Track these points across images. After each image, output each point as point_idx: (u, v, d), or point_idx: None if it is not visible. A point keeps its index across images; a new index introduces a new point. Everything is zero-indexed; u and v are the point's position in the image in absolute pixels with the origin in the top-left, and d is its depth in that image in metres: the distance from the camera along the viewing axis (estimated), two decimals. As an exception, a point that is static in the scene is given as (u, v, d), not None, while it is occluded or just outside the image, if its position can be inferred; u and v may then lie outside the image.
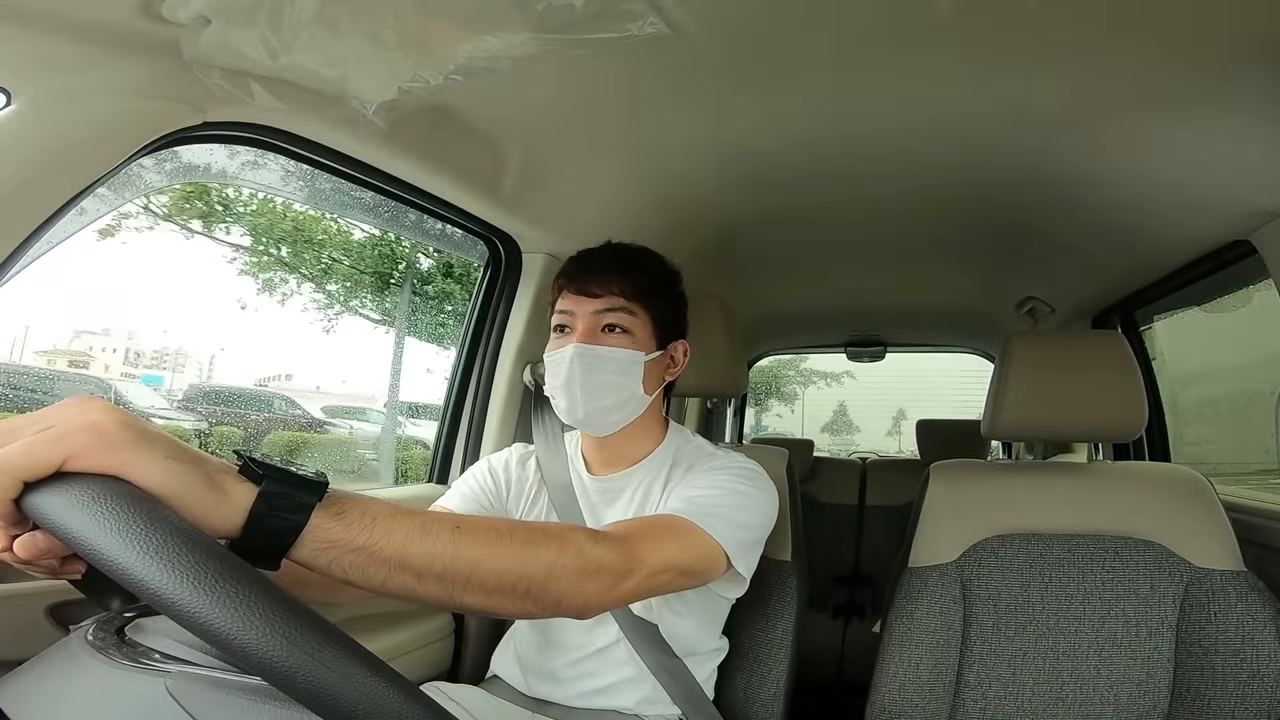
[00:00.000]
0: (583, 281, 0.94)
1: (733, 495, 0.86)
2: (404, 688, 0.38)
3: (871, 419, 5.95)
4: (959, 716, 1.01)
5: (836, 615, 2.32)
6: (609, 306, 0.92)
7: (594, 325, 0.93)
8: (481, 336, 1.42)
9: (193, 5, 0.65)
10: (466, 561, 0.54)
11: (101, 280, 1.79)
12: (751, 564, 0.87)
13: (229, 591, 0.36)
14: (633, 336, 0.93)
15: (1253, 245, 1.18)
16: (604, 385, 0.92)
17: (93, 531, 0.38)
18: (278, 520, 0.46)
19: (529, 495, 1.04)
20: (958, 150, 1.13)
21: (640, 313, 0.94)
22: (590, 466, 1.03)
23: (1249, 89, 0.85)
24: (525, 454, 1.09)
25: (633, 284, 0.93)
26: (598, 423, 0.95)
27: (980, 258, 1.72)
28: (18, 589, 0.72)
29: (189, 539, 0.38)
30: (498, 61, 0.75)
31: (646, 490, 0.97)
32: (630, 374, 0.93)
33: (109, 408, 0.43)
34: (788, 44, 0.86)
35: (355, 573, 0.49)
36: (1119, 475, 1.14)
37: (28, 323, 1.89)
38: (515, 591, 0.57)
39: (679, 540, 0.77)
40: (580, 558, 0.62)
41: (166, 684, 0.41)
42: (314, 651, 0.36)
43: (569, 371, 0.91)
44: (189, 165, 0.95)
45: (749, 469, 0.93)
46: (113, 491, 0.40)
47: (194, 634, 0.36)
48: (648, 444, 1.00)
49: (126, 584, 0.37)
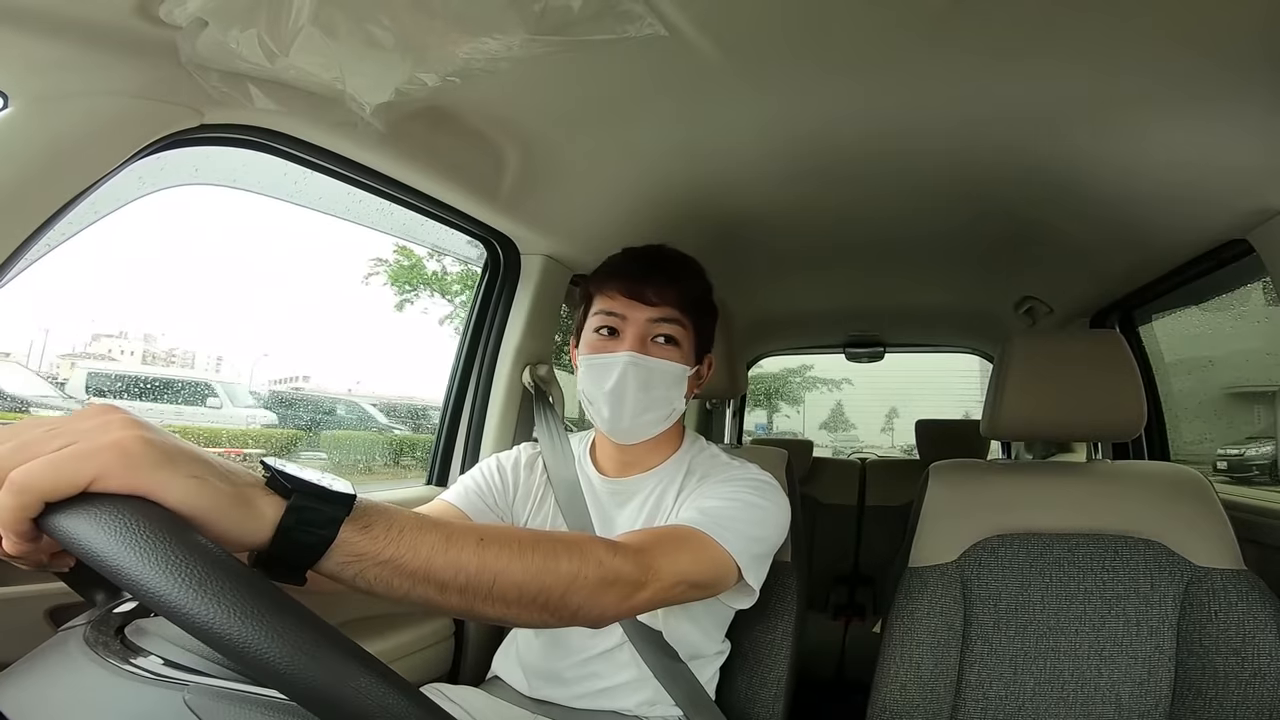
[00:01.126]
0: (638, 286, 0.91)
1: (747, 508, 0.86)
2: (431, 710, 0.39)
3: (866, 418, 6.72)
4: (960, 715, 1.01)
5: (837, 615, 2.33)
6: (664, 317, 0.91)
7: (646, 334, 0.91)
8: (480, 338, 1.41)
9: (190, 7, 0.65)
10: (490, 574, 0.53)
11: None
12: (761, 575, 0.86)
13: (253, 612, 0.36)
14: (680, 349, 0.92)
15: (1250, 244, 1.18)
16: (654, 399, 0.91)
17: (120, 555, 0.37)
18: (306, 535, 0.45)
19: (535, 497, 1.03)
20: (956, 150, 1.13)
21: (689, 325, 0.93)
22: (602, 468, 1.02)
23: (1247, 88, 0.86)
24: (533, 455, 1.08)
25: (687, 295, 0.92)
26: (638, 433, 0.94)
27: (978, 257, 1.72)
28: (16, 591, 0.72)
29: (215, 562, 0.38)
30: (495, 63, 0.75)
31: (660, 496, 0.96)
32: (677, 388, 0.92)
33: (131, 422, 0.41)
34: (784, 45, 0.86)
35: (380, 585, 0.49)
36: (1118, 474, 1.14)
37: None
38: (535, 603, 0.58)
39: (693, 553, 0.76)
40: (599, 569, 0.62)
41: (185, 698, 0.40)
42: (339, 672, 0.36)
43: (619, 381, 0.89)
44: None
45: (763, 481, 0.92)
46: (139, 514, 0.39)
47: (221, 654, 0.36)
48: (666, 450, 1.00)
49: (155, 608, 0.36)
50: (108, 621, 0.49)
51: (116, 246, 0.97)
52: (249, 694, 0.41)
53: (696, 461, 0.99)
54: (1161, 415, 1.86)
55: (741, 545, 0.80)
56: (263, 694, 0.41)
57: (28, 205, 0.67)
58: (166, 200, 0.86)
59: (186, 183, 0.89)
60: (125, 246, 1.08)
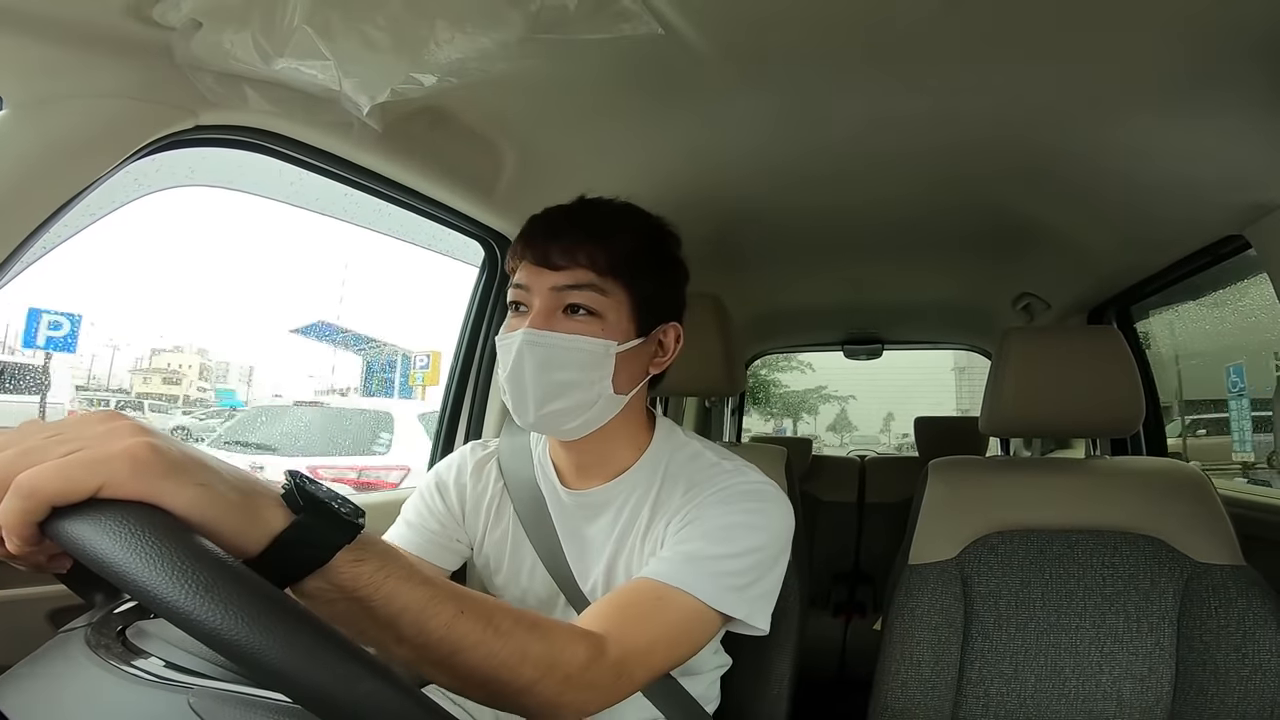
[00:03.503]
0: (542, 248, 0.75)
1: (748, 555, 0.72)
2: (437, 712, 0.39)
3: (866, 421, 9.03)
4: (962, 713, 1.01)
5: (837, 613, 2.33)
6: (573, 282, 0.74)
7: (553, 305, 0.74)
8: (479, 336, 1.43)
9: (184, 8, 0.65)
10: (450, 646, 0.51)
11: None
12: (770, 609, 0.75)
13: (258, 617, 0.36)
14: (602, 321, 0.75)
15: (1247, 240, 1.18)
16: (561, 383, 0.74)
17: (128, 562, 0.37)
18: (301, 551, 0.44)
19: (489, 509, 0.88)
20: (953, 147, 1.13)
21: (616, 291, 0.75)
22: (563, 476, 0.86)
23: (1243, 84, 0.86)
24: (483, 457, 0.91)
25: (608, 254, 0.74)
26: (553, 427, 0.79)
27: (976, 254, 1.73)
28: (17, 594, 0.72)
29: (220, 568, 0.38)
30: (491, 63, 0.74)
31: (633, 510, 0.81)
32: (596, 369, 0.75)
33: (139, 428, 0.41)
34: (781, 43, 0.86)
35: (340, 616, 0.47)
36: (1117, 470, 1.14)
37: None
38: (483, 690, 0.53)
39: (685, 632, 0.67)
40: (564, 683, 0.55)
41: (189, 701, 0.41)
42: (342, 675, 0.37)
43: (516, 365, 0.74)
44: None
45: (760, 490, 0.78)
46: (146, 521, 0.39)
47: (228, 659, 0.36)
48: (629, 452, 0.83)
49: (162, 613, 0.37)
50: (108, 623, 0.49)
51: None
52: (254, 697, 0.41)
53: (675, 464, 0.82)
54: (1159, 411, 1.86)
55: (746, 605, 0.71)
56: (268, 697, 0.41)
57: (24, 207, 0.67)
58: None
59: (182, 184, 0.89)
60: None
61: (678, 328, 0.84)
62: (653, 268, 0.79)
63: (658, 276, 0.80)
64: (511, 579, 0.87)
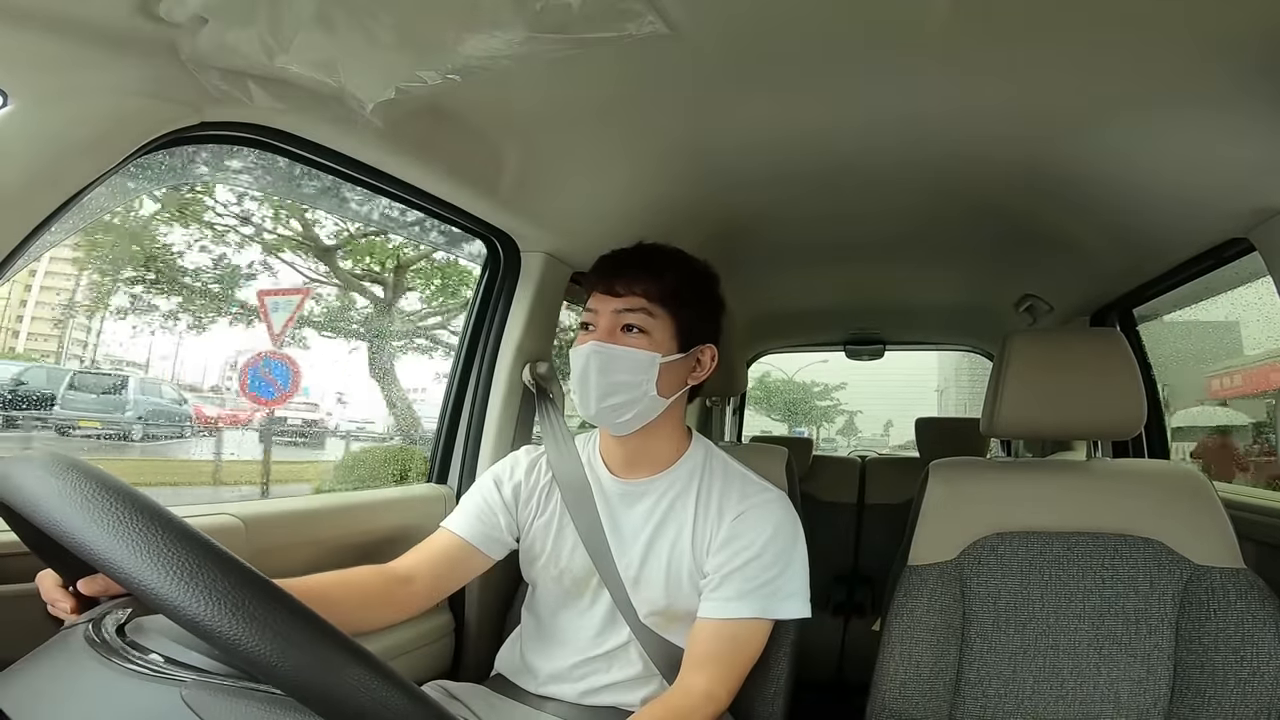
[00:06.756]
0: (609, 281, 0.96)
1: (780, 561, 0.93)
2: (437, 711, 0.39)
3: (869, 426, 9.80)
4: (959, 714, 1.01)
5: (836, 613, 2.33)
6: (629, 307, 0.94)
7: (614, 325, 0.94)
8: (480, 336, 1.41)
9: (190, 5, 0.65)
10: None
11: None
12: (807, 595, 0.95)
13: (247, 607, 0.37)
14: (650, 338, 0.94)
15: (1251, 243, 1.18)
16: (616, 384, 0.93)
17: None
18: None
19: (540, 498, 1.04)
20: (956, 149, 1.13)
21: (663, 315, 0.95)
22: (611, 467, 1.03)
23: (1247, 86, 0.85)
24: (535, 457, 1.09)
25: (659, 286, 0.94)
26: (609, 419, 0.96)
27: (979, 256, 1.72)
28: (18, 589, 0.72)
29: (211, 554, 0.38)
30: (496, 61, 0.74)
31: (672, 502, 0.98)
32: (643, 374, 0.94)
33: None
34: (785, 43, 0.86)
35: None
36: (1118, 473, 1.14)
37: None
38: None
39: (757, 647, 0.92)
40: None
41: (183, 694, 0.41)
42: (335, 667, 0.37)
43: (584, 368, 0.94)
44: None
45: (780, 499, 0.98)
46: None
47: (217, 649, 0.37)
48: (670, 451, 1.01)
49: (155, 607, 0.37)
50: (109, 620, 0.49)
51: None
52: (246, 689, 0.41)
53: (710, 469, 1.00)
54: (1160, 413, 1.86)
55: (791, 606, 0.93)
56: (260, 689, 0.41)
57: (28, 203, 0.67)
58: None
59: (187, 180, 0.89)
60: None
61: (713, 349, 1.02)
62: (693, 300, 0.98)
63: (697, 307, 0.99)
64: (552, 560, 1.01)
